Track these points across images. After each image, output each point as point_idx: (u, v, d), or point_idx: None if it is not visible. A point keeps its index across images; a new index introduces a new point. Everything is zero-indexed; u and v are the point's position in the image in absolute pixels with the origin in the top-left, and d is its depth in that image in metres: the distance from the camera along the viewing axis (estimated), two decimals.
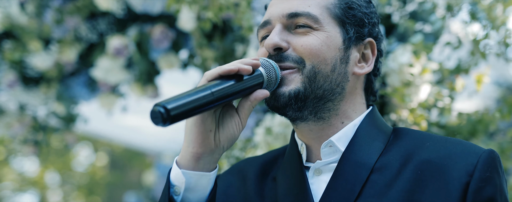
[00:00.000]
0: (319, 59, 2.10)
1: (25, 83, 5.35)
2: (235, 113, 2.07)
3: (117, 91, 5.33)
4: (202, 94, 1.88)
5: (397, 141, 2.17)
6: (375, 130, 2.19)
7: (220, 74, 1.97)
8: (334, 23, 2.17)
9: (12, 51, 5.04)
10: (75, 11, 4.71)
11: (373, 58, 2.25)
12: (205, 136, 2.00)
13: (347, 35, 2.17)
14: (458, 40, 3.63)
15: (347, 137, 2.16)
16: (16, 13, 4.92)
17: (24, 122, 5.73)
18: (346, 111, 2.20)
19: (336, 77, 2.13)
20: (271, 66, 2.08)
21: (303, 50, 2.10)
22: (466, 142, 2.11)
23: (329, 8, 2.18)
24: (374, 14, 2.28)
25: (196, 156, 2.00)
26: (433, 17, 3.47)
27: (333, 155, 2.14)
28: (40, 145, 5.98)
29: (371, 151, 2.12)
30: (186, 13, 4.07)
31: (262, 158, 2.45)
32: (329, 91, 2.13)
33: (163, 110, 1.78)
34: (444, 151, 2.04)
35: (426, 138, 2.15)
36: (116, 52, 4.62)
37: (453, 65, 3.64)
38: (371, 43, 2.25)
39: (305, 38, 2.12)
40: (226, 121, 2.05)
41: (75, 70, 5.30)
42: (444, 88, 3.44)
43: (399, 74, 3.25)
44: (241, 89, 1.99)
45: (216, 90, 1.91)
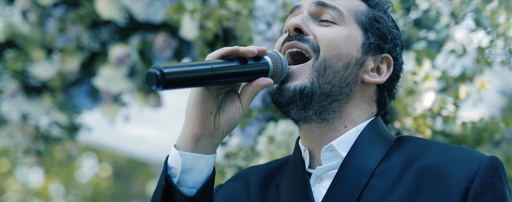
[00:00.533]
0: (333, 52, 2.09)
1: (27, 93, 5.35)
2: (237, 98, 2.05)
3: (120, 100, 5.33)
4: (202, 67, 1.87)
5: (399, 148, 2.14)
6: (377, 137, 2.16)
7: (222, 54, 1.96)
8: (358, 27, 2.17)
9: (14, 60, 5.04)
10: (77, 20, 4.71)
11: (387, 73, 2.23)
12: (205, 117, 1.99)
13: (368, 40, 2.17)
14: (463, 48, 3.62)
15: (348, 142, 2.13)
16: (18, 22, 4.93)
17: (27, 132, 5.73)
18: (350, 115, 2.17)
19: (348, 76, 2.12)
20: (278, 57, 2.06)
21: (322, 39, 2.10)
22: (469, 148, 2.08)
23: (356, 13, 2.19)
24: (398, 37, 2.28)
25: (195, 137, 1.98)
26: (439, 26, 3.47)
27: (333, 159, 2.12)
28: (43, 155, 5.97)
29: (372, 156, 2.09)
30: (188, 22, 4.06)
31: (267, 166, 2.43)
32: (338, 88, 2.11)
33: (159, 72, 1.76)
34: (446, 156, 2.01)
35: (428, 144, 2.13)
36: (118, 61, 4.61)
37: (457, 73, 3.63)
38: (388, 59, 2.24)
39: (326, 28, 2.12)
40: (227, 105, 2.04)
41: (78, 79, 5.29)
42: (449, 96, 3.43)
43: (403, 82, 3.22)
44: (243, 72, 1.98)
45: (217, 67, 1.89)
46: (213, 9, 3.65)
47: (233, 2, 3.66)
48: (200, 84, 1.91)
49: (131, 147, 9.42)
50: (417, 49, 3.26)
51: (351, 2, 2.22)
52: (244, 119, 3.61)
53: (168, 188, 1.99)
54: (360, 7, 2.22)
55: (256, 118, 3.55)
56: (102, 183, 19.36)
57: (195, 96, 1.99)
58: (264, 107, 3.54)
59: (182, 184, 1.99)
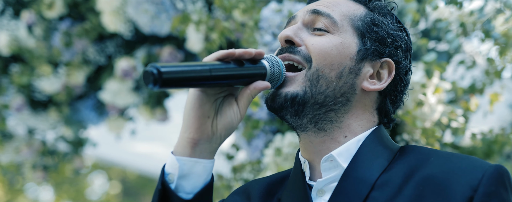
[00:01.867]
0: (325, 62, 2.03)
1: (33, 107, 5.36)
2: (234, 102, 2.02)
3: (126, 115, 5.34)
4: (200, 68, 1.86)
5: (401, 158, 2.07)
6: (379, 147, 2.09)
7: (218, 57, 1.93)
8: (353, 33, 2.10)
9: (20, 75, 5.05)
10: (83, 34, 4.72)
11: (388, 79, 2.14)
12: (202, 122, 1.96)
13: (364, 46, 2.10)
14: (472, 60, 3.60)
15: (349, 152, 2.06)
16: (24, 36, 4.94)
17: (33, 147, 5.73)
18: (351, 125, 2.10)
19: (342, 85, 2.05)
20: (276, 61, 2.03)
21: (313, 49, 2.04)
22: (473, 157, 2.01)
23: (352, 19, 2.12)
24: (401, 39, 2.19)
25: (193, 142, 1.95)
26: (450, 36, 3.43)
27: (334, 170, 2.05)
28: (50, 170, 5.97)
29: (374, 167, 2.03)
30: (194, 34, 4.05)
31: (269, 178, 2.36)
32: (331, 99, 2.04)
33: (156, 70, 1.75)
34: (448, 165, 1.95)
35: (431, 153, 2.06)
36: (124, 74, 4.60)
37: (467, 84, 3.62)
38: (389, 64, 2.15)
39: (318, 38, 2.07)
40: (225, 109, 2.01)
41: (83, 93, 5.31)
42: (458, 108, 3.40)
43: (412, 93, 3.20)
44: (240, 75, 1.95)
45: (214, 68, 1.87)
46: (217, 21, 3.64)
47: (239, 13, 3.65)
48: (197, 85, 1.89)
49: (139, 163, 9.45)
50: (426, 61, 3.23)
51: (348, 7, 2.16)
52: (250, 131, 3.60)
53: (165, 193, 1.95)
54: (357, 12, 2.16)
55: (263, 130, 3.54)
56: (112, 200, 19.40)
57: (192, 100, 1.97)
58: (271, 119, 3.52)
59: (180, 190, 1.96)
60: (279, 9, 3.35)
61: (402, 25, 2.21)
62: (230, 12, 3.67)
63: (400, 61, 2.17)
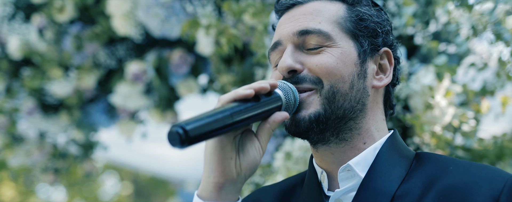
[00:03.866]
0: (336, 78, 2.01)
1: (44, 111, 5.36)
2: (254, 138, 1.98)
3: (137, 117, 5.33)
4: (221, 116, 1.81)
5: (419, 167, 2.06)
6: (396, 155, 2.09)
7: (235, 99, 1.89)
8: (347, 38, 2.09)
9: (31, 78, 5.06)
10: (93, 38, 4.72)
11: (390, 68, 2.17)
12: (226, 164, 1.91)
13: (362, 48, 2.09)
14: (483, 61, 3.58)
15: (366, 161, 2.06)
16: (35, 40, 4.94)
17: (44, 150, 5.73)
18: (369, 130, 2.10)
19: (355, 94, 2.05)
20: (289, 88, 2.01)
21: (319, 70, 2.02)
22: (492, 166, 2.01)
23: (340, 23, 2.10)
24: (386, 22, 2.20)
25: (218, 186, 1.91)
26: (459, 39, 3.42)
27: (351, 180, 2.05)
28: (61, 173, 5.98)
29: (392, 177, 2.02)
30: (204, 38, 4.05)
31: (279, 187, 2.34)
32: (350, 110, 2.04)
33: (181, 130, 1.71)
34: (468, 175, 1.93)
35: (449, 162, 2.04)
36: (134, 77, 4.60)
37: (478, 87, 3.59)
38: (387, 53, 2.17)
39: (319, 57, 2.04)
40: (246, 147, 1.97)
41: (94, 96, 5.31)
42: (469, 110, 3.38)
43: (422, 97, 3.19)
44: (260, 112, 1.92)
45: (235, 112, 1.84)
46: (226, 27, 3.63)
47: (249, 17, 3.65)
48: (222, 133, 1.84)
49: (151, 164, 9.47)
50: (437, 64, 3.22)
51: (330, 11, 2.12)
52: None
53: None
54: (340, 13, 2.13)
55: (273, 134, 3.53)
56: (124, 201, 19.42)
57: (213, 143, 1.92)
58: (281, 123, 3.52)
59: None
60: None
61: (378, 6, 2.21)
62: (240, 17, 3.66)
63: (392, 44, 2.19)
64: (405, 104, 3.30)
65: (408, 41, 3.49)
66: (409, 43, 3.49)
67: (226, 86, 4.28)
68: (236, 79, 4.20)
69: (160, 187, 15.14)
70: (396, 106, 3.23)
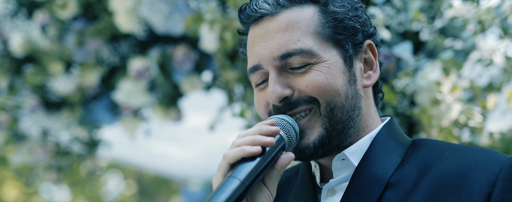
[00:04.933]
0: (331, 94, 1.98)
1: (47, 108, 5.35)
2: (263, 186, 1.94)
3: (140, 115, 5.31)
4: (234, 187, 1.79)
5: (414, 153, 2.04)
6: (391, 141, 2.07)
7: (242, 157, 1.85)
8: (330, 47, 2.03)
9: (34, 75, 5.07)
10: (96, 34, 4.71)
11: (376, 60, 2.14)
12: None
13: (347, 53, 2.04)
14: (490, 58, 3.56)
15: (361, 150, 2.04)
16: (38, 37, 4.94)
17: (47, 148, 5.73)
18: (365, 125, 2.09)
19: (350, 102, 2.02)
20: (288, 124, 1.97)
21: (311, 91, 1.97)
22: (489, 149, 1.97)
23: (319, 32, 2.02)
24: (361, 10, 2.14)
25: None
26: (465, 34, 3.41)
27: (346, 170, 2.04)
28: (64, 171, 5.97)
29: (387, 164, 2.00)
30: (208, 34, 4.03)
31: None
32: (348, 120, 2.02)
33: None
34: (464, 160, 1.91)
35: (445, 147, 2.02)
36: (137, 74, 4.59)
37: (484, 82, 3.58)
38: (370, 46, 2.13)
39: (307, 76, 1.99)
40: (257, 197, 1.93)
41: (97, 94, 5.30)
42: (476, 106, 3.37)
43: (429, 92, 3.19)
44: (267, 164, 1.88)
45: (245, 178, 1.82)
46: (230, 21, 3.62)
47: None
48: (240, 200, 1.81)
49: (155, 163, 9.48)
50: (443, 59, 3.21)
51: (305, 21, 2.03)
52: None
53: None
54: (315, 19, 2.04)
55: None
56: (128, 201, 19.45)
57: None
58: None
59: None
60: None
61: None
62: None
63: (372, 33, 2.15)
64: (412, 100, 3.30)
65: (414, 37, 3.47)
66: (415, 39, 3.46)
67: (230, 83, 4.26)
68: (240, 76, 4.17)
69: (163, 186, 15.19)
70: (403, 102, 3.22)
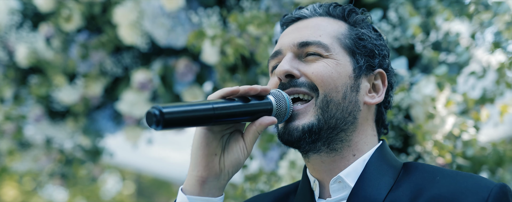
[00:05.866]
0: (330, 87, 2.10)
1: (51, 117, 5.40)
2: (240, 138, 2.07)
3: (142, 124, 5.34)
4: (203, 107, 1.87)
5: (407, 176, 2.14)
6: (384, 165, 2.17)
7: (223, 95, 1.97)
8: (344, 53, 2.17)
9: (39, 86, 5.10)
10: (100, 46, 4.76)
11: (383, 89, 2.25)
12: (210, 159, 2.00)
13: (357, 64, 2.17)
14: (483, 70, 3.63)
15: (356, 172, 2.14)
16: (42, 48, 4.98)
17: (51, 156, 5.77)
18: (358, 143, 2.18)
19: (347, 105, 2.13)
20: (282, 96, 2.07)
21: (315, 77, 2.10)
22: (478, 176, 2.09)
23: (339, 38, 2.18)
24: (384, 47, 2.29)
25: (201, 180, 2.00)
26: (459, 49, 3.48)
27: (343, 191, 2.13)
28: (67, 177, 6.02)
29: (381, 186, 2.10)
30: (209, 47, 4.10)
31: (273, 195, 2.42)
32: (342, 120, 2.12)
33: (158, 112, 1.78)
34: (455, 185, 2.01)
35: (436, 172, 2.12)
36: (140, 86, 4.66)
37: (478, 94, 3.64)
38: (381, 74, 2.25)
39: (315, 65, 2.12)
40: (232, 146, 2.05)
41: (101, 104, 5.34)
42: (469, 119, 3.43)
43: (423, 106, 3.26)
44: (245, 112, 1.98)
45: (218, 106, 1.90)
46: (232, 38, 3.69)
47: (254, 28, 3.70)
48: (201, 124, 1.91)
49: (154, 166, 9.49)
50: (438, 74, 3.28)
51: (332, 27, 2.22)
52: (266, 143, 3.65)
53: None
54: (341, 30, 2.22)
55: (277, 142, 3.58)
56: (126, 201, 19.39)
57: (199, 138, 2.00)
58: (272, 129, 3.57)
59: None
60: None
61: (378, 32, 2.30)
62: (245, 28, 3.72)
63: (388, 68, 2.28)
64: (407, 113, 3.36)
65: (409, 51, 3.55)
66: (410, 53, 3.54)
67: None
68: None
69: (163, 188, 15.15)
70: (398, 115, 3.29)
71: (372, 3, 3.67)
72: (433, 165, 2.28)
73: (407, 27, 3.43)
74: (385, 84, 2.25)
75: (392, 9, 3.55)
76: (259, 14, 3.68)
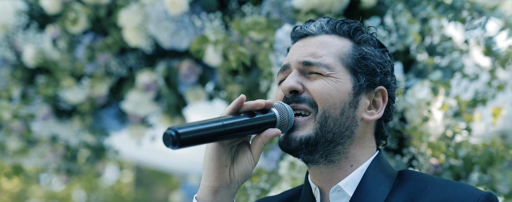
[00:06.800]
0: (328, 103, 2.25)
1: (58, 116, 5.48)
2: (248, 150, 2.23)
3: (146, 122, 5.46)
4: (214, 125, 2.05)
5: (401, 185, 2.31)
6: (381, 174, 2.33)
7: (233, 109, 2.15)
8: (346, 71, 2.32)
9: (46, 86, 5.17)
10: (105, 48, 4.85)
11: (383, 105, 2.39)
12: (221, 171, 2.18)
13: (358, 82, 2.32)
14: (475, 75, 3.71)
15: (354, 182, 2.30)
16: (49, 49, 5.06)
17: (57, 152, 5.87)
18: (355, 155, 2.34)
19: (345, 120, 2.28)
20: (285, 109, 2.24)
21: (315, 94, 2.26)
22: (466, 184, 2.25)
23: (342, 58, 2.33)
24: (387, 63, 2.42)
25: (214, 189, 2.18)
26: (454, 55, 3.58)
27: (342, 199, 2.29)
28: (73, 173, 6.12)
29: (377, 196, 2.26)
30: (212, 49, 4.22)
31: (278, 198, 2.61)
32: (338, 134, 2.28)
33: (174, 133, 1.96)
34: (445, 194, 2.18)
35: (428, 181, 2.29)
36: (145, 87, 4.76)
37: (470, 96, 3.75)
38: (382, 91, 2.39)
39: (316, 82, 2.28)
40: (240, 157, 2.23)
41: (106, 103, 5.43)
42: (461, 121, 3.54)
43: (418, 110, 3.37)
44: (252, 126, 2.16)
45: (227, 123, 2.08)
46: (234, 46, 3.79)
47: (255, 33, 3.82)
48: (213, 140, 2.08)
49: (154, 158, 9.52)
50: (432, 79, 3.39)
51: (336, 46, 2.36)
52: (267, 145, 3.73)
53: None
54: (344, 49, 2.35)
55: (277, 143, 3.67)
56: (124, 189, 19.45)
57: (211, 152, 2.18)
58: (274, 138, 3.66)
59: None
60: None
61: (384, 47, 2.45)
62: (247, 34, 3.82)
63: (390, 84, 2.43)
64: (402, 116, 3.48)
65: (405, 56, 3.64)
66: (405, 58, 3.64)
67: (233, 95, 4.43)
68: (242, 89, 4.34)
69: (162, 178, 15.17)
70: (394, 118, 3.39)
71: (369, 9, 3.75)
72: (425, 173, 2.41)
73: (407, 34, 3.51)
74: (386, 100, 2.40)
75: (388, 15, 3.62)
76: (260, 20, 3.77)
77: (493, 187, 3.44)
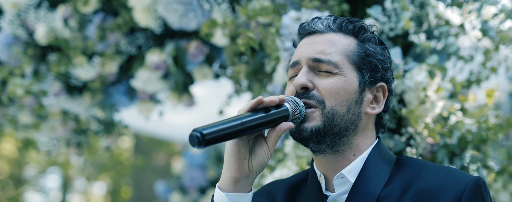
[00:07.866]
0: (336, 101, 2.45)
1: (69, 92, 5.62)
2: (264, 142, 2.44)
3: (155, 98, 5.62)
4: (234, 123, 2.25)
5: (398, 172, 2.52)
6: (380, 161, 2.55)
7: (250, 108, 2.34)
8: (352, 68, 2.51)
9: (57, 63, 5.27)
10: (116, 28, 4.95)
11: (383, 100, 2.60)
12: (241, 163, 2.39)
13: (363, 79, 2.52)
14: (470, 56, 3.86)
15: (356, 169, 2.52)
16: (60, 27, 5.15)
17: (67, 126, 6.05)
18: (359, 145, 2.55)
19: (351, 116, 2.49)
20: (296, 102, 2.43)
21: (325, 92, 2.46)
22: (457, 170, 2.47)
23: (348, 55, 2.51)
24: (387, 59, 2.62)
25: (234, 180, 2.40)
26: (450, 39, 3.71)
27: (344, 185, 2.52)
28: (82, 146, 6.30)
29: (377, 182, 2.48)
30: (220, 32, 4.34)
31: (288, 182, 2.82)
32: (345, 128, 2.48)
33: (200, 135, 2.15)
34: (437, 179, 2.40)
35: (422, 167, 2.50)
36: (155, 67, 4.90)
37: (465, 77, 3.91)
38: (382, 87, 2.60)
39: (326, 80, 2.47)
40: (257, 149, 2.43)
41: (116, 80, 5.56)
42: (456, 102, 3.69)
43: (415, 92, 3.52)
44: (267, 121, 2.35)
45: (245, 120, 2.28)
46: (243, 31, 3.91)
47: (262, 17, 3.93)
48: (234, 137, 2.28)
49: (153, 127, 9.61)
50: (429, 63, 3.53)
51: (343, 44, 2.54)
52: None
53: None
54: (350, 47, 2.54)
55: None
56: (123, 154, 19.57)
57: (231, 146, 2.39)
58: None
59: None
60: (298, 18, 3.63)
61: (384, 44, 2.65)
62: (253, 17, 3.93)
63: (389, 79, 2.64)
64: (400, 98, 3.62)
65: (404, 40, 3.76)
66: (404, 42, 3.76)
67: (239, 75, 4.60)
68: (247, 70, 4.50)
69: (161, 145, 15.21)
70: (392, 100, 3.50)
71: None
72: (420, 159, 2.64)
73: (399, 20, 3.63)
74: (385, 95, 2.60)
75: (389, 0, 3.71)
76: (265, 4, 3.87)
77: (485, 164, 3.63)
